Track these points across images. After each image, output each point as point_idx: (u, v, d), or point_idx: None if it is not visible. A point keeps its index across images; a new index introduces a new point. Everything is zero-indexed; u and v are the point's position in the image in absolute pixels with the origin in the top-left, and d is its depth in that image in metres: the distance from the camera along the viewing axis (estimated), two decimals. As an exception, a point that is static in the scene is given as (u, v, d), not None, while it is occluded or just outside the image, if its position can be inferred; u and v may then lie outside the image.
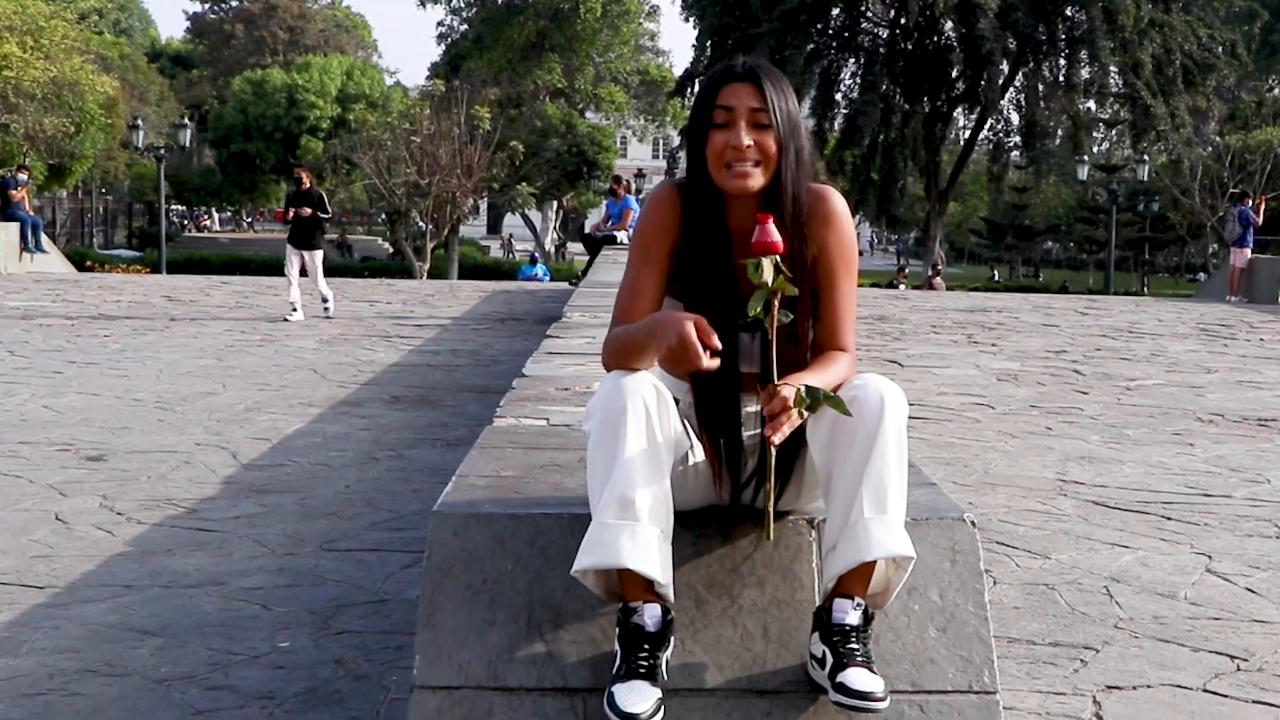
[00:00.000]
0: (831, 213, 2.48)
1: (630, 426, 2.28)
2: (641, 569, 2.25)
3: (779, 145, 2.40)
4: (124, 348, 10.97)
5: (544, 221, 49.19)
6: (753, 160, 2.39)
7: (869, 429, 2.31)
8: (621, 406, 2.29)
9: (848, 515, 2.30)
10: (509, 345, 11.48)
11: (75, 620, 3.72)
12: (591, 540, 2.27)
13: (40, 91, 26.98)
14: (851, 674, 2.23)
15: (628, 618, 2.30)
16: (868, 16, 38.82)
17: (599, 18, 50.04)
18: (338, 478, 5.79)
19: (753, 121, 2.39)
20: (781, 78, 2.46)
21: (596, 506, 2.29)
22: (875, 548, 2.27)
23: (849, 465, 2.32)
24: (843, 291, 2.49)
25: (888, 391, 2.35)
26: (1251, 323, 15.35)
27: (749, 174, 2.40)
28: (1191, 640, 3.59)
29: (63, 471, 5.83)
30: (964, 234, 64.82)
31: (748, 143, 2.39)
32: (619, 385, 2.32)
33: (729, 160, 2.40)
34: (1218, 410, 7.99)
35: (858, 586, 2.32)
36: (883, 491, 2.30)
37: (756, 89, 2.40)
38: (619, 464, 2.27)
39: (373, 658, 3.43)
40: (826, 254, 2.48)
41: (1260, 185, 29.60)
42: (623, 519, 2.25)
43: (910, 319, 14.70)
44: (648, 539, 2.26)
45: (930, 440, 6.58)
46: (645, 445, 2.28)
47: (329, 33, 69.79)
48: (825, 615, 2.32)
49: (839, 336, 2.49)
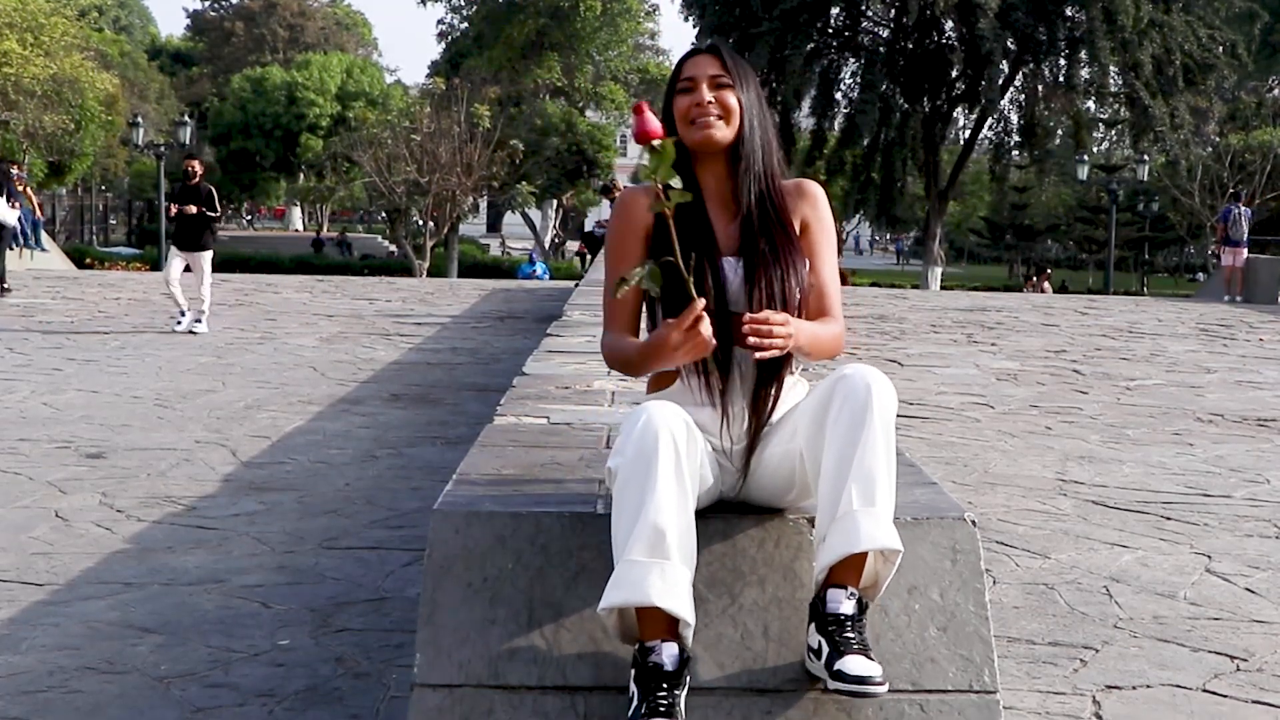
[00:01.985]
0: (812, 192, 2.64)
1: (662, 464, 2.27)
2: (671, 608, 2.23)
3: (741, 104, 2.54)
4: (123, 345, 10.97)
5: (544, 220, 49.17)
6: (715, 114, 2.52)
7: (855, 419, 2.32)
8: (654, 444, 2.28)
9: (836, 506, 2.31)
10: (509, 343, 11.48)
11: (75, 617, 3.72)
12: (620, 578, 2.25)
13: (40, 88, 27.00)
14: (849, 661, 2.23)
15: (645, 657, 2.27)
16: (868, 16, 38.77)
17: (599, 16, 50.03)
18: (338, 475, 5.79)
19: (714, 83, 2.54)
20: (745, 62, 2.61)
21: (625, 543, 2.27)
22: (864, 540, 2.27)
23: (836, 455, 2.33)
24: (828, 265, 2.63)
25: (875, 381, 2.35)
26: (1251, 323, 15.36)
27: (712, 124, 2.52)
28: (1191, 640, 3.59)
29: (62, 469, 5.83)
30: (964, 234, 64.85)
31: (709, 98, 2.53)
32: (650, 421, 2.30)
33: (693, 117, 2.53)
34: (1217, 410, 8.00)
35: (851, 577, 2.32)
36: (871, 483, 2.30)
37: (716, 58, 2.56)
38: (650, 502, 2.25)
39: (373, 655, 3.43)
40: (810, 231, 2.62)
41: (1260, 185, 29.63)
42: (653, 557, 2.24)
43: (910, 318, 14.70)
44: (677, 578, 2.24)
45: (930, 440, 6.58)
46: (675, 483, 2.27)
47: (329, 30, 69.80)
48: (820, 605, 2.32)
49: (830, 306, 2.60)
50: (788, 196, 2.61)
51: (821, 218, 2.63)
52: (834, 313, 2.59)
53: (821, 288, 2.59)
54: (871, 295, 20.10)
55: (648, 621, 2.28)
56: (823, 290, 2.59)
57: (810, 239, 2.61)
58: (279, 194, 63.00)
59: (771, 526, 2.56)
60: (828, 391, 2.38)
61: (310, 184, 50.84)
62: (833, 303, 2.60)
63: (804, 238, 2.60)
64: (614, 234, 2.61)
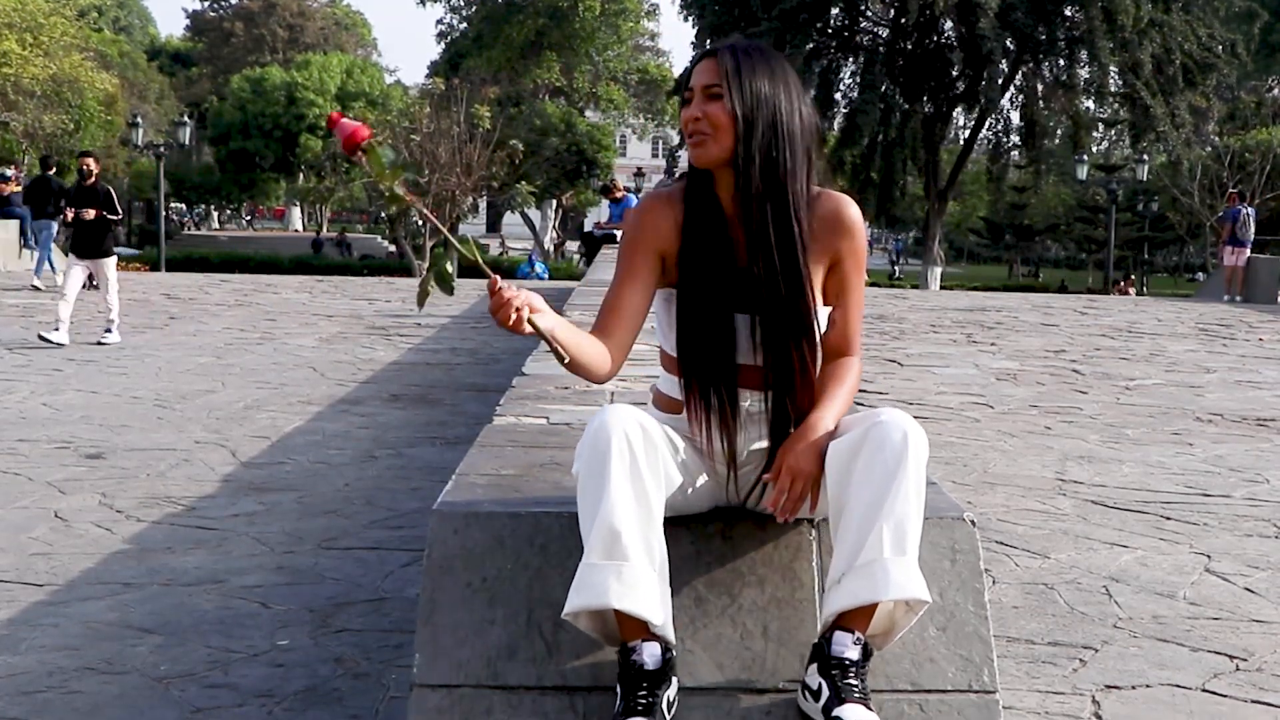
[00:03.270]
0: (848, 223, 2.46)
1: (614, 467, 2.23)
2: (630, 609, 2.20)
3: (733, 116, 2.35)
4: (123, 345, 10.97)
5: (543, 220, 49.17)
6: (705, 130, 2.37)
7: (889, 466, 2.27)
8: (605, 447, 2.25)
9: (861, 551, 2.25)
10: (508, 343, 11.47)
11: (74, 618, 3.72)
12: (580, 582, 2.23)
13: (40, 88, 27.00)
14: (848, 709, 2.20)
15: (626, 657, 2.26)
16: (867, 16, 38.80)
17: (598, 16, 50.05)
18: (337, 476, 5.79)
19: (706, 95, 2.38)
20: (759, 56, 2.39)
21: (585, 547, 2.26)
22: (893, 589, 2.22)
23: (866, 500, 2.27)
24: (855, 298, 2.50)
25: (910, 429, 2.32)
26: (1250, 323, 15.36)
27: (700, 144, 2.38)
28: (1190, 640, 3.59)
29: (62, 469, 5.83)
30: (963, 233, 64.89)
31: (696, 115, 2.37)
32: (603, 425, 2.27)
33: (689, 133, 2.40)
34: (1217, 410, 8.00)
35: (860, 622, 2.29)
36: (902, 532, 2.25)
37: (715, 64, 2.38)
38: (604, 505, 2.22)
39: (372, 656, 3.43)
40: (842, 264, 2.47)
41: (1260, 185, 29.64)
42: (609, 559, 2.21)
43: (909, 318, 14.70)
44: (635, 578, 2.20)
45: (930, 439, 6.56)
46: (630, 484, 2.24)
47: (328, 31, 69.83)
48: (825, 647, 2.29)
49: (851, 342, 2.51)
50: (818, 223, 2.43)
51: (856, 250, 2.47)
52: (852, 349, 2.51)
53: (844, 325, 2.49)
54: (871, 295, 20.10)
55: (623, 623, 2.27)
56: (845, 327, 2.49)
57: (841, 275, 2.48)
58: (278, 194, 63.03)
59: (771, 527, 2.56)
60: (861, 434, 2.32)
61: (310, 184, 50.85)
62: (852, 338, 2.51)
63: (833, 275, 2.47)
64: (625, 240, 2.48)
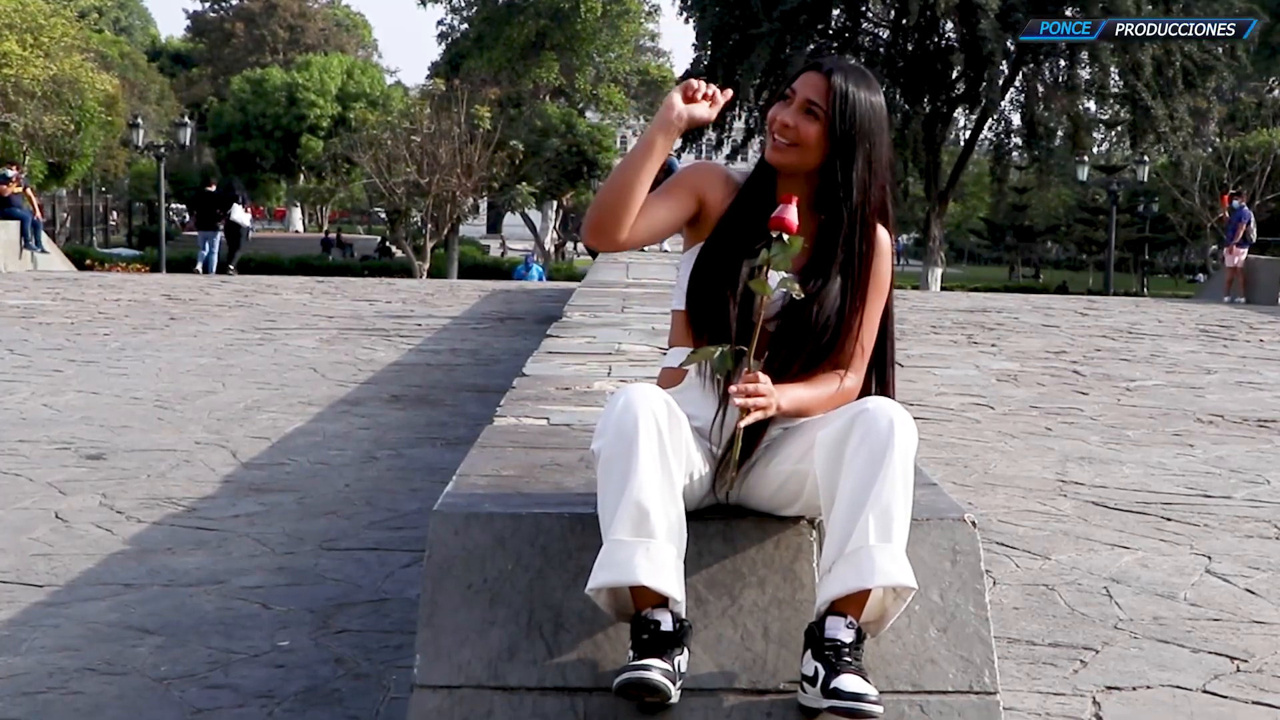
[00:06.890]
0: (879, 244, 2.57)
1: (643, 443, 2.27)
2: (657, 586, 2.23)
3: (828, 139, 2.46)
4: (124, 346, 10.96)
5: (544, 221, 49.17)
6: (788, 139, 2.48)
7: (876, 454, 2.29)
8: (633, 425, 2.28)
9: (849, 539, 2.28)
10: (509, 344, 11.47)
11: (75, 619, 3.72)
12: (606, 558, 2.25)
13: (40, 89, 27.00)
14: (844, 679, 2.22)
15: (641, 620, 2.29)
16: (868, 17, 38.77)
17: (599, 17, 50.04)
18: (337, 476, 5.79)
19: (804, 106, 2.48)
20: (866, 83, 2.51)
21: (610, 524, 2.27)
22: (878, 575, 2.25)
23: (853, 488, 2.30)
24: (867, 317, 2.55)
25: (897, 416, 2.33)
26: (1251, 323, 15.35)
27: (780, 149, 2.50)
28: (1191, 641, 3.59)
29: (62, 470, 5.83)
30: (964, 234, 64.87)
31: (788, 123, 2.48)
32: (629, 402, 2.31)
33: (774, 131, 2.51)
34: (1217, 411, 7.99)
35: (852, 609, 2.31)
36: (888, 519, 2.28)
37: (825, 83, 2.47)
38: (633, 482, 2.25)
39: (372, 657, 3.43)
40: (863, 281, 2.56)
41: (1260, 186, 29.63)
42: (638, 536, 2.24)
43: (910, 319, 14.70)
44: (663, 557, 2.24)
45: (930, 440, 6.58)
46: (658, 462, 2.27)
47: (329, 32, 69.82)
48: (818, 630, 2.31)
49: (852, 359, 2.54)
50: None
51: (879, 273, 2.56)
52: (854, 367, 2.55)
53: (849, 338, 2.55)
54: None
55: (639, 597, 2.30)
56: (850, 339, 2.55)
57: (861, 289, 2.58)
58: (279, 195, 63.02)
59: (771, 528, 2.56)
60: (848, 422, 2.35)
61: (310, 185, 50.87)
62: (853, 355, 2.54)
63: None
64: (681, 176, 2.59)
